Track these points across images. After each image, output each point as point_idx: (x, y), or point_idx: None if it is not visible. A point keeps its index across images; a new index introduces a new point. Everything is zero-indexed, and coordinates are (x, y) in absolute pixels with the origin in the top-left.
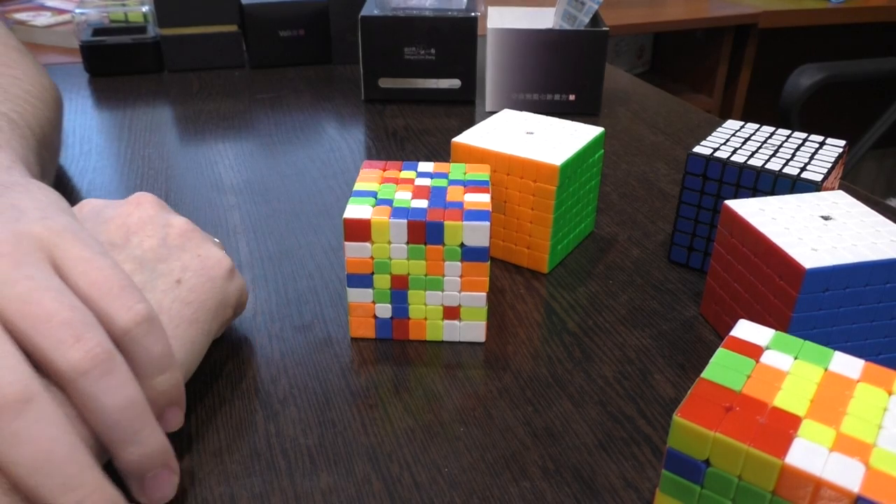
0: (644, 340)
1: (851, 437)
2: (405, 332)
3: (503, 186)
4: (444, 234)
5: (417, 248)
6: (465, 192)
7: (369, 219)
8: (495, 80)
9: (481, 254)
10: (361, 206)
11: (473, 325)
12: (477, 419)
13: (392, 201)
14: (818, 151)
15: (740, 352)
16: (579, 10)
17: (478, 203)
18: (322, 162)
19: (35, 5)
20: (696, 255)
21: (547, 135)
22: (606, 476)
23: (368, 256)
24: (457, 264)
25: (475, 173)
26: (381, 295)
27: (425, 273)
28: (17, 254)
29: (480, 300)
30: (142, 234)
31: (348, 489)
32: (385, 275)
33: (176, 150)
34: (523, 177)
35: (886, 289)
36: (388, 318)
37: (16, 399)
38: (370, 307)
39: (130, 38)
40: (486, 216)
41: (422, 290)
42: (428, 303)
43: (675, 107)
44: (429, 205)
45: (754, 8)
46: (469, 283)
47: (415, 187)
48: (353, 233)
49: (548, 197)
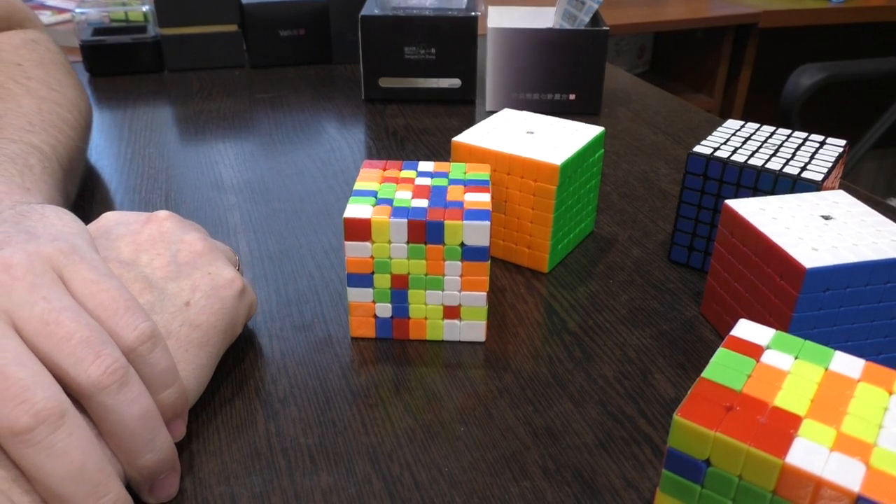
0: (644, 340)
1: (852, 436)
2: (405, 332)
3: (503, 186)
4: (444, 233)
5: (418, 247)
6: (465, 192)
7: (369, 218)
8: (495, 80)
9: (481, 253)
10: (362, 205)
11: (474, 324)
12: (477, 419)
13: (392, 201)
14: (818, 151)
15: (741, 351)
16: (579, 9)
17: (478, 202)
18: (322, 161)
19: (35, 4)
20: (697, 255)
21: (547, 134)
22: (607, 476)
23: (368, 256)
24: (457, 264)
25: (475, 173)
26: (382, 294)
27: (425, 273)
28: (32, 276)
29: (481, 300)
30: (152, 252)
31: (348, 489)
32: (385, 274)
33: (176, 150)
34: (524, 176)
35: (887, 288)
36: (389, 317)
37: (52, 414)
38: (370, 307)
39: (130, 38)
40: (486, 216)
41: (422, 290)
42: (428, 302)
43: (675, 106)
44: (429, 204)
45: (754, 8)
46: (469, 282)
47: (415, 187)
48: (354, 232)
49: (548, 196)
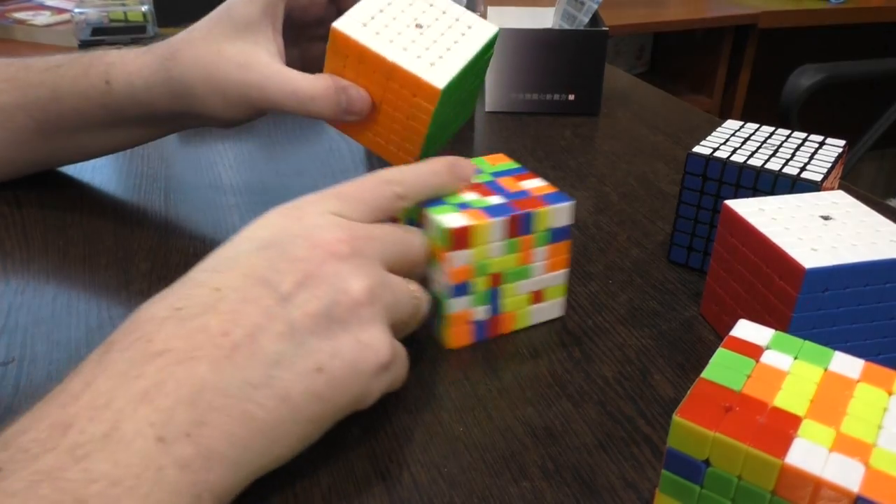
0: (644, 340)
1: (851, 437)
2: (497, 328)
3: (380, 87)
4: (533, 222)
5: (513, 241)
6: (518, 181)
7: (470, 224)
8: (495, 80)
9: (565, 233)
10: (450, 214)
11: (555, 302)
12: (477, 419)
13: (469, 203)
14: (818, 151)
15: (740, 352)
16: (579, 9)
17: (544, 187)
18: (322, 162)
19: (35, 4)
20: (696, 255)
21: (437, 31)
22: (606, 476)
23: (470, 262)
24: (544, 249)
25: (504, 164)
26: (480, 298)
27: (517, 264)
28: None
29: (561, 277)
30: (311, 293)
31: (348, 489)
32: (484, 276)
33: (176, 150)
34: (402, 87)
35: (886, 289)
36: (485, 319)
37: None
38: (469, 314)
39: (129, 38)
40: (565, 197)
41: (512, 283)
42: (518, 293)
43: (674, 107)
44: (506, 198)
45: (754, 8)
46: (553, 263)
47: (472, 186)
48: (459, 242)
49: (424, 113)
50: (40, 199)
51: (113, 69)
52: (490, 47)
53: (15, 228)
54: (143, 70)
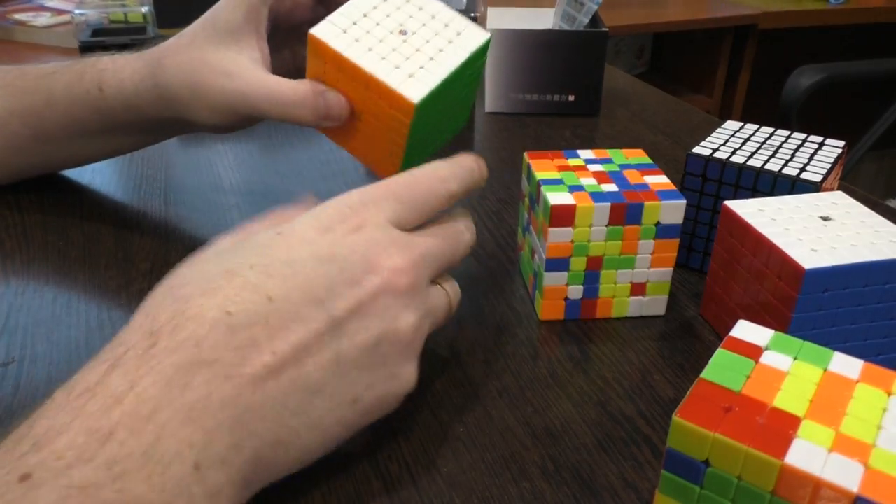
0: (643, 341)
1: (851, 437)
2: (592, 311)
3: (360, 96)
4: (643, 213)
5: (616, 229)
6: (642, 175)
7: (575, 204)
8: (495, 80)
9: (674, 230)
10: (559, 193)
11: (657, 299)
12: (476, 419)
13: (583, 187)
14: (817, 152)
15: (740, 352)
16: (579, 10)
17: (663, 184)
18: (322, 162)
19: (35, 5)
20: (696, 256)
21: (422, 38)
22: (606, 476)
23: (569, 241)
24: (650, 242)
25: (636, 157)
26: (575, 277)
27: (620, 252)
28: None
29: (667, 275)
30: (365, 323)
31: (347, 489)
32: (582, 257)
33: (176, 151)
34: (380, 98)
35: (886, 289)
36: (579, 298)
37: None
38: (563, 290)
39: (130, 39)
40: (679, 195)
41: (614, 270)
42: (618, 281)
43: (674, 107)
44: (620, 188)
45: (754, 8)
46: (659, 259)
47: (594, 173)
48: (559, 218)
49: (402, 126)
50: (40, 201)
51: (105, 75)
52: (481, 54)
53: (15, 230)
54: (134, 76)
